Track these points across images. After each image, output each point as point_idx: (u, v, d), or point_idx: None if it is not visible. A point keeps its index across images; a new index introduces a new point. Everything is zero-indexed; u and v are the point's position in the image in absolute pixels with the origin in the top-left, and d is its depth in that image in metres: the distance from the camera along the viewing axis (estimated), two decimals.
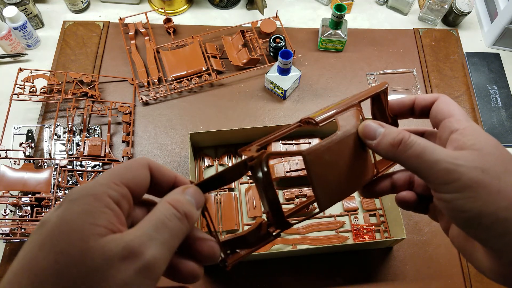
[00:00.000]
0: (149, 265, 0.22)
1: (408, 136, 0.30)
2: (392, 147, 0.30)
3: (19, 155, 0.79)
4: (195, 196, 0.27)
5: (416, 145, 0.29)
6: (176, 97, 0.92)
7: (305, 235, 0.77)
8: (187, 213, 0.26)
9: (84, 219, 0.22)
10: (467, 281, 0.75)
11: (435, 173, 0.28)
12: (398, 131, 0.31)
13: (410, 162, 0.30)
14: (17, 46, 0.93)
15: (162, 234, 0.24)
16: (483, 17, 1.06)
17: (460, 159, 0.28)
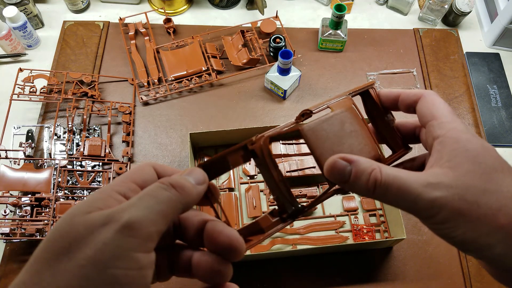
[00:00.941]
0: (129, 224, 0.22)
1: (380, 176, 0.28)
2: (368, 192, 0.28)
3: (19, 155, 0.79)
4: (192, 174, 0.27)
5: (390, 187, 0.28)
6: (176, 97, 0.92)
7: (305, 235, 0.77)
8: (174, 183, 0.25)
9: (82, 204, 0.24)
10: (467, 281, 0.75)
11: (417, 210, 0.28)
12: (368, 170, 0.28)
13: (391, 204, 0.29)
14: (17, 46, 0.93)
15: (145, 201, 0.24)
16: (483, 17, 1.06)
17: (437, 188, 0.27)
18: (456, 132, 0.29)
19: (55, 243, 0.22)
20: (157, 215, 0.24)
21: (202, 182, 0.28)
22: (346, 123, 0.33)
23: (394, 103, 0.35)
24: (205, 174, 0.29)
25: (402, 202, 0.28)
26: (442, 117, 0.30)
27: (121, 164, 0.82)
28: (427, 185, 0.27)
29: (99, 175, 0.80)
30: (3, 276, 0.72)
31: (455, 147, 0.29)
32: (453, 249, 0.77)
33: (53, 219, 0.72)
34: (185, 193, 0.26)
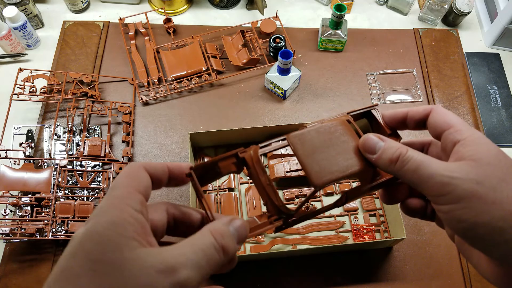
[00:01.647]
0: (183, 283, 0.23)
1: (406, 152, 0.30)
2: (390, 163, 0.31)
3: (19, 155, 0.79)
4: (239, 229, 0.28)
5: (412, 161, 0.30)
6: (176, 97, 0.92)
7: (305, 235, 0.77)
8: (225, 246, 0.26)
9: (113, 229, 0.24)
10: (467, 281, 0.75)
11: (430, 186, 0.29)
12: (396, 147, 0.31)
13: (407, 177, 0.30)
14: (17, 46, 0.93)
15: (199, 259, 0.25)
16: (483, 17, 1.06)
17: (455, 171, 0.28)
18: (477, 137, 0.31)
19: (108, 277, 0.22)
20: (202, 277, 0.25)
21: (243, 240, 0.29)
22: (336, 133, 0.34)
23: (401, 122, 0.36)
24: (248, 229, 0.29)
25: (417, 177, 0.29)
26: (458, 125, 0.32)
27: (121, 164, 0.82)
28: (446, 167, 0.29)
29: (99, 175, 0.80)
30: (3, 276, 0.72)
31: (476, 147, 0.30)
32: (453, 249, 0.77)
33: (53, 219, 0.72)
34: (227, 256, 0.27)
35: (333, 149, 0.33)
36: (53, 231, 0.72)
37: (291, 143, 0.33)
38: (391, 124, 0.37)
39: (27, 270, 0.73)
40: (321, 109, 0.91)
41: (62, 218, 0.73)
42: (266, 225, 0.32)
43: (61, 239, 0.72)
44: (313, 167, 0.32)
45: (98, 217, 0.25)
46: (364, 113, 0.37)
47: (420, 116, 0.35)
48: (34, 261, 0.73)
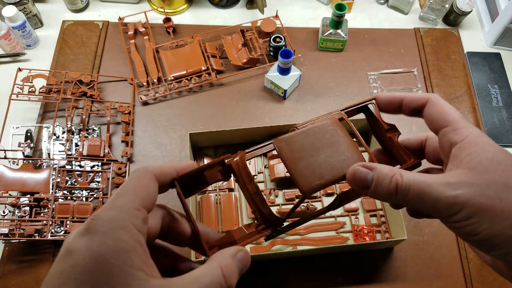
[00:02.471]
0: None
1: (401, 179, 0.29)
2: (390, 196, 0.29)
3: (18, 155, 0.79)
4: (243, 261, 0.28)
5: (411, 189, 0.28)
6: (176, 97, 0.92)
7: (305, 236, 0.76)
8: (231, 285, 0.26)
9: (121, 258, 0.23)
10: (468, 281, 0.74)
11: (437, 211, 0.28)
12: (390, 175, 0.29)
13: (412, 205, 0.30)
14: (16, 46, 0.93)
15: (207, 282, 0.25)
16: (484, 17, 1.05)
17: (457, 187, 0.28)
18: (474, 137, 0.30)
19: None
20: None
21: (245, 271, 0.28)
22: (326, 135, 0.32)
23: (397, 108, 0.35)
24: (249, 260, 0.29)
25: (424, 202, 0.28)
26: (456, 123, 0.31)
27: (120, 164, 0.82)
28: (447, 184, 0.28)
29: (98, 175, 0.80)
30: (2, 277, 0.72)
31: (474, 150, 0.29)
32: (454, 250, 0.77)
33: (52, 219, 0.72)
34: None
35: (323, 152, 0.31)
36: (52, 232, 0.72)
37: (277, 148, 0.31)
38: (387, 108, 0.35)
39: (26, 271, 0.72)
40: (321, 109, 0.91)
41: (61, 219, 0.73)
42: (254, 234, 0.31)
43: (60, 239, 0.72)
44: (302, 172, 0.30)
45: (103, 237, 0.23)
46: (360, 108, 0.35)
47: (416, 105, 0.33)
48: (33, 262, 0.73)
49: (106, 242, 0.23)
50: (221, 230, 0.76)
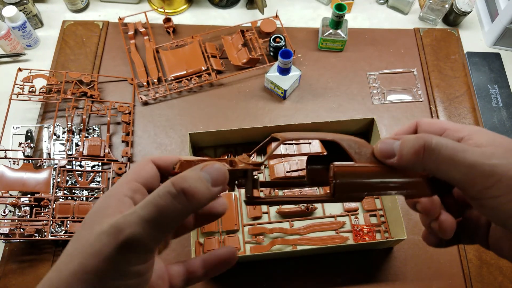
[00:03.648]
0: (128, 241, 0.23)
1: (431, 139, 0.26)
2: (416, 156, 0.26)
3: (18, 155, 0.79)
4: (212, 172, 0.25)
5: (444, 149, 0.25)
6: (176, 97, 0.92)
7: (305, 236, 0.77)
8: (186, 189, 0.24)
9: (97, 211, 0.26)
10: (467, 281, 0.74)
11: (472, 179, 0.25)
12: (416, 137, 0.27)
13: (442, 171, 0.26)
14: (16, 46, 0.93)
15: (148, 211, 0.23)
16: (483, 17, 1.05)
17: (494, 157, 0.25)
18: (479, 129, 0.28)
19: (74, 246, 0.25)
20: (158, 229, 0.23)
21: (220, 183, 0.26)
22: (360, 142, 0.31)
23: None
24: (227, 174, 0.26)
25: (454, 169, 0.25)
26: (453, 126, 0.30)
27: (121, 164, 0.82)
28: (482, 153, 0.25)
29: (98, 175, 0.80)
30: (2, 276, 0.72)
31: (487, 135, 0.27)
32: (453, 250, 0.77)
33: (52, 219, 0.72)
34: (195, 200, 0.24)
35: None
36: (53, 231, 0.72)
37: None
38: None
39: (26, 271, 0.72)
40: (321, 109, 0.91)
41: (61, 218, 0.73)
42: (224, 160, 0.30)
43: (60, 239, 0.72)
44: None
45: (95, 204, 0.27)
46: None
47: (409, 132, 0.31)
48: (33, 262, 0.73)
49: (94, 206, 0.27)
50: (221, 230, 0.76)
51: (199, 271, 0.31)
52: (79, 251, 0.24)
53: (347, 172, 0.28)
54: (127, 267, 0.23)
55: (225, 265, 0.31)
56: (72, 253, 0.24)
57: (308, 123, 0.78)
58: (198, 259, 0.32)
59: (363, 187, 0.28)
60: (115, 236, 0.23)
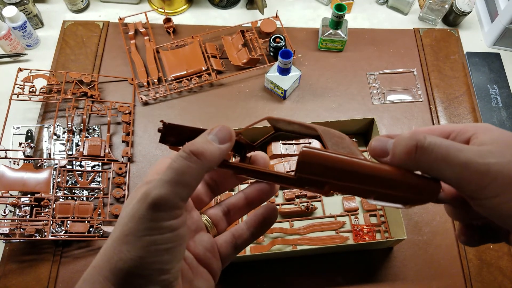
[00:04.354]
0: (156, 202, 0.26)
1: (424, 138, 0.25)
2: (409, 156, 0.26)
3: (19, 155, 0.79)
4: (217, 132, 0.28)
5: (437, 148, 0.25)
6: (176, 97, 0.92)
7: (305, 236, 0.77)
8: (194, 150, 0.27)
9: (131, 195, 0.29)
10: (467, 281, 0.74)
11: (466, 179, 0.25)
12: (409, 135, 0.26)
13: (435, 170, 0.26)
14: (16, 46, 0.93)
15: (167, 174, 0.26)
16: (483, 17, 1.05)
17: (489, 155, 0.24)
18: (484, 126, 0.28)
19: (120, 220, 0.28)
20: (179, 186, 0.26)
21: (227, 140, 0.29)
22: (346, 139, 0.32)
23: None
24: (231, 131, 0.29)
25: (448, 168, 0.25)
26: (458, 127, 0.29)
27: (121, 164, 0.82)
28: (478, 152, 0.25)
29: (98, 175, 0.80)
30: (2, 276, 0.72)
31: (490, 133, 0.27)
32: (453, 250, 0.77)
33: (52, 219, 0.72)
34: (206, 158, 0.27)
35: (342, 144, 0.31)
36: (53, 231, 0.72)
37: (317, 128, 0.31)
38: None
39: (26, 271, 0.72)
40: (321, 109, 0.91)
41: (61, 218, 0.73)
42: None
43: (60, 239, 0.72)
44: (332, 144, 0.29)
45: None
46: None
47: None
48: (33, 261, 0.73)
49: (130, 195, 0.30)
50: None
51: (245, 233, 0.34)
52: (119, 223, 0.27)
53: (314, 154, 0.28)
54: (160, 223, 0.26)
55: (268, 222, 0.34)
56: (115, 227, 0.28)
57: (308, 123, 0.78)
58: (242, 224, 0.34)
59: (325, 171, 0.28)
60: (144, 200, 0.26)
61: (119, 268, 0.26)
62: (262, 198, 0.34)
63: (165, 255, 0.27)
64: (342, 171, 0.28)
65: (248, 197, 0.35)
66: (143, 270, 0.26)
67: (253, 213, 0.34)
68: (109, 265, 0.26)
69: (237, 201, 0.35)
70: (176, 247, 0.27)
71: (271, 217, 0.34)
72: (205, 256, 0.32)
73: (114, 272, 0.26)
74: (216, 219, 0.35)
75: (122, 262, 0.26)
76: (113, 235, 0.27)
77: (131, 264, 0.26)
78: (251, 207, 0.35)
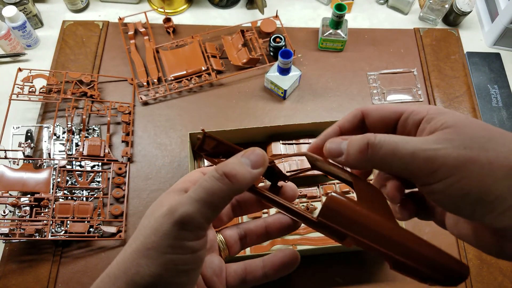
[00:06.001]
0: (183, 219, 0.25)
1: (374, 137, 0.27)
2: (361, 155, 0.27)
3: (18, 155, 0.79)
4: (250, 156, 0.28)
5: (386, 144, 0.26)
6: (176, 97, 0.92)
7: (305, 236, 0.76)
8: (227, 172, 0.27)
9: (156, 204, 0.29)
10: (467, 281, 0.74)
11: (416, 167, 0.25)
12: (362, 136, 0.28)
13: (387, 165, 0.27)
14: (16, 46, 0.93)
15: (197, 193, 0.26)
16: (483, 17, 1.05)
17: (436, 142, 0.25)
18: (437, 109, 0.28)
19: (136, 232, 0.28)
20: (207, 207, 0.26)
21: (260, 165, 0.28)
22: None
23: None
24: (265, 155, 0.29)
25: (398, 160, 0.26)
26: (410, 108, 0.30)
27: (121, 164, 0.82)
28: (425, 141, 0.26)
29: (98, 175, 0.80)
30: (2, 277, 0.72)
31: (444, 116, 0.27)
32: (454, 250, 0.77)
33: (52, 219, 0.72)
34: (238, 181, 0.27)
35: None
36: (52, 232, 0.72)
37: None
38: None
39: (26, 271, 0.72)
40: (321, 109, 0.91)
41: (61, 218, 0.73)
42: None
43: (60, 239, 0.72)
44: None
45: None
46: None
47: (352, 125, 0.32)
48: (33, 262, 0.73)
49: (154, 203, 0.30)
50: None
51: (258, 272, 0.33)
52: (141, 233, 0.27)
53: (342, 202, 0.27)
54: (183, 242, 0.26)
55: (287, 268, 0.33)
56: (135, 236, 0.27)
57: (308, 123, 0.78)
58: (258, 260, 0.33)
59: (350, 224, 0.27)
60: (171, 216, 0.26)
61: (135, 282, 0.26)
62: (282, 231, 0.34)
63: (183, 277, 0.26)
64: (367, 229, 0.27)
65: (268, 227, 0.34)
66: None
67: (273, 254, 0.33)
68: (125, 276, 0.26)
69: (256, 228, 0.34)
70: (194, 270, 0.27)
71: (290, 265, 0.33)
72: (211, 279, 0.31)
73: (129, 285, 0.26)
74: (230, 241, 0.34)
75: (139, 277, 0.25)
76: (133, 245, 0.27)
77: (149, 281, 0.25)
78: (269, 238, 0.34)
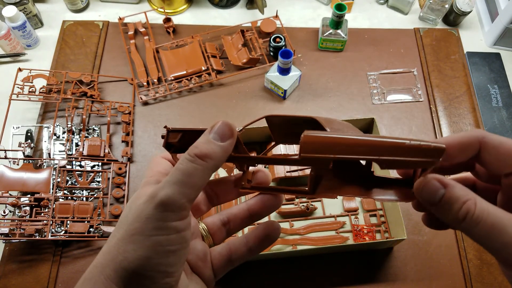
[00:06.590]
0: (163, 200, 0.26)
1: (474, 208, 0.25)
2: (456, 221, 0.26)
3: (18, 155, 0.79)
4: (217, 130, 0.29)
5: (482, 223, 0.25)
6: (176, 97, 0.92)
7: (305, 236, 0.76)
8: (199, 153, 0.27)
9: (134, 197, 0.29)
10: (467, 281, 0.74)
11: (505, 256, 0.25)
12: (463, 199, 0.25)
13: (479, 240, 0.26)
14: (16, 46, 0.93)
15: (174, 176, 0.27)
16: (483, 17, 1.05)
17: None
18: None
19: (118, 224, 0.28)
20: (186, 187, 0.27)
21: (229, 136, 0.29)
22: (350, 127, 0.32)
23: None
24: (231, 126, 0.29)
25: (492, 242, 0.25)
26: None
27: (121, 164, 0.82)
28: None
29: (98, 175, 0.80)
30: (2, 276, 0.72)
31: None
32: (454, 250, 0.77)
33: (52, 219, 0.72)
34: (211, 159, 0.28)
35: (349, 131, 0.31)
36: (53, 231, 0.72)
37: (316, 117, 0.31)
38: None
39: (26, 271, 0.72)
40: (321, 109, 0.91)
41: (61, 218, 0.73)
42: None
43: (60, 239, 0.72)
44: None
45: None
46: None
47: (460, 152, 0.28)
48: (33, 262, 0.73)
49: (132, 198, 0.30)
50: None
51: (242, 248, 0.33)
52: (123, 223, 0.27)
53: (315, 135, 0.28)
54: (166, 223, 0.26)
55: (269, 239, 0.33)
56: (118, 227, 0.28)
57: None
58: (241, 237, 0.34)
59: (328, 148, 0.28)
60: (152, 200, 0.26)
61: (123, 268, 0.26)
62: (265, 211, 0.34)
63: (171, 257, 0.27)
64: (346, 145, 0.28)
65: (250, 209, 0.34)
66: (148, 271, 0.26)
67: (254, 228, 0.34)
68: (113, 264, 0.26)
69: (239, 212, 0.34)
70: (181, 250, 0.27)
71: (272, 235, 0.33)
72: (196, 264, 0.32)
73: (118, 272, 0.26)
74: (213, 228, 0.34)
75: (127, 262, 0.26)
76: (117, 235, 0.27)
77: (137, 264, 0.26)
78: (253, 220, 0.34)
